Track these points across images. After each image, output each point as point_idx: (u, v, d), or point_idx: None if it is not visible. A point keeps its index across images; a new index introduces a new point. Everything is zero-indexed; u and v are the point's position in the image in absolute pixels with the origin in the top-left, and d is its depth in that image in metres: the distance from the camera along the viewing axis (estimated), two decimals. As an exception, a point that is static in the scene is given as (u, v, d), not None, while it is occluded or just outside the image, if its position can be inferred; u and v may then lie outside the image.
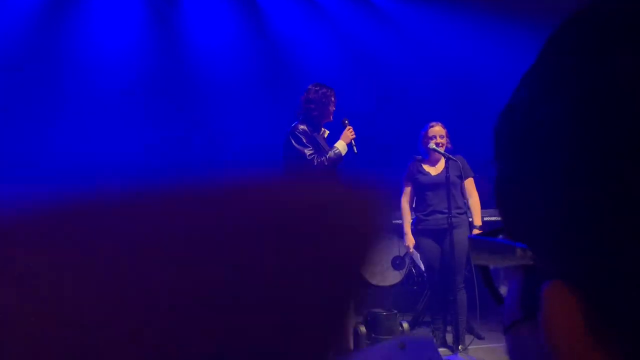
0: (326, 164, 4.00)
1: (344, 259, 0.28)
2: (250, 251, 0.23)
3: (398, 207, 5.44)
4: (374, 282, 6.22)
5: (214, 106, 7.59)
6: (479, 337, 4.57)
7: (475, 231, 4.15)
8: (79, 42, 7.07)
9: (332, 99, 4.21)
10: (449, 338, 4.31)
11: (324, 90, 4.20)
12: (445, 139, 4.34)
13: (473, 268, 4.15)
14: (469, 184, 4.27)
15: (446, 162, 4.18)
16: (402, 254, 6.18)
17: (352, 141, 4.10)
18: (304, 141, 3.99)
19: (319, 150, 4.06)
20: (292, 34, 7.79)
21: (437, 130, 4.34)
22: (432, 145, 4.28)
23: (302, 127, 4.05)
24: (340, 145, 4.09)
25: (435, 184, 4.20)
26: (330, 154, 4.03)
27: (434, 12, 7.60)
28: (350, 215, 0.29)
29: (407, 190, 4.39)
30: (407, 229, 4.28)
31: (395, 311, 3.54)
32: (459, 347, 4.17)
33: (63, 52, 7.04)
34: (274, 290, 0.24)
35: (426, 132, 4.38)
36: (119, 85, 7.11)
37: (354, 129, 4.19)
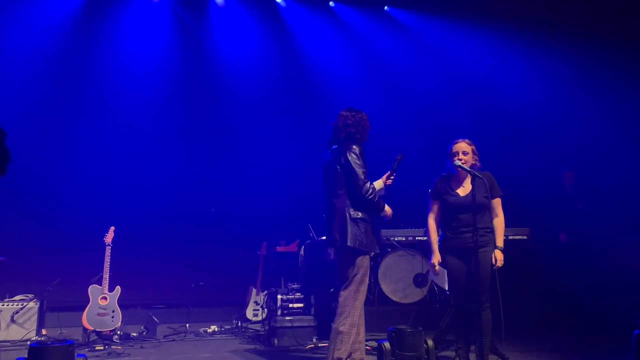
0: (374, 201, 4.11)
1: None
2: None
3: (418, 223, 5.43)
4: (396, 299, 6.20)
5: (241, 119, 7.68)
6: (503, 358, 4.51)
7: (497, 252, 4.09)
8: (107, 55, 7.24)
9: (367, 122, 4.35)
10: (472, 358, 4.25)
11: (361, 114, 4.34)
12: (469, 155, 4.27)
13: (498, 288, 4.10)
14: (496, 204, 4.22)
15: (472, 180, 4.14)
16: (424, 272, 6.15)
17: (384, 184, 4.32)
18: (361, 162, 4.16)
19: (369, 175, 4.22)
20: (316, 49, 7.87)
21: (461, 146, 4.29)
22: (456, 162, 4.26)
23: (358, 147, 4.23)
24: (378, 185, 4.27)
25: (464, 206, 4.15)
26: (381, 202, 4.17)
27: (458, 28, 7.60)
28: None
29: (435, 208, 4.35)
30: (435, 246, 4.24)
31: (420, 328, 3.50)
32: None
33: (92, 66, 7.21)
34: None
35: (451, 148, 4.35)
36: (146, 101, 7.26)
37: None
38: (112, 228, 5.65)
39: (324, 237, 5.86)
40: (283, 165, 7.59)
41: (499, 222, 4.18)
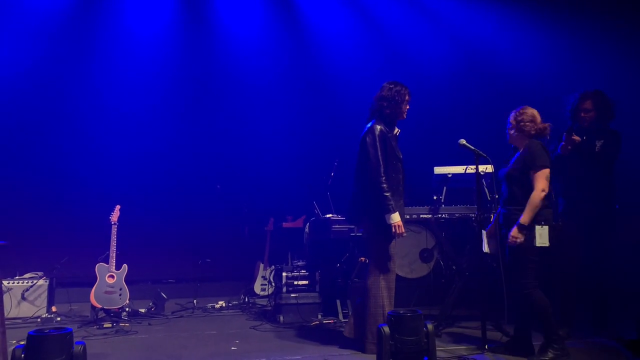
0: (384, 195, 4.05)
1: None
2: None
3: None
4: (402, 274, 6.20)
5: (248, 97, 7.60)
6: (508, 335, 4.51)
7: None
8: (111, 35, 7.17)
9: (407, 97, 4.24)
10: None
11: (398, 87, 4.22)
12: (511, 124, 4.10)
13: (502, 269, 4.07)
14: (531, 176, 4.03)
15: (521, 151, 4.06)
16: (430, 247, 6.13)
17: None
18: (380, 147, 4.10)
19: (393, 155, 4.15)
20: (324, 27, 7.70)
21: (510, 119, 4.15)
22: (460, 141, 4.20)
23: (379, 127, 4.15)
24: (395, 217, 4.05)
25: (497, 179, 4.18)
26: (391, 203, 4.04)
27: (477, 10, 7.37)
28: None
29: None
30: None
31: (420, 312, 3.49)
32: (485, 346, 4.12)
33: (96, 45, 7.15)
34: None
35: None
36: (151, 85, 7.22)
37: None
38: (118, 207, 5.68)
39: (329, 215, 5.87)
40: (289, 142, 7.54)
41: (530, 196, 3.89)
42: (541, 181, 3.87)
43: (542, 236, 3.84)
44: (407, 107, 4.31)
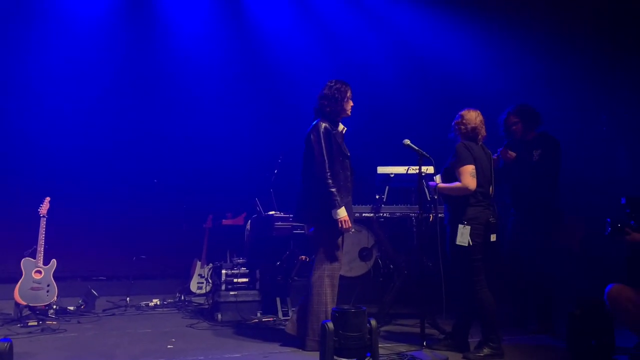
0: (330, 191, 4.07)
1: None
2: None
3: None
4: (342, 272, 6.21)
5: (188, 88, 7.41)
6: (444, 332, 4.62)
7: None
8: (48, 16, 6.80)
9: (348, 94, 4.26)
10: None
11: (338, 85, 4.25)
12: (456, 123, 4.26)
13: (441, 263, 4.16)
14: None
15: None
16: (369, 246, 6.20)
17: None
18: (325, 145, 4.12)
19: (339, 152, 4.16)
20: (270, 22, 7.62)
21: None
22: (405, 141, 4.27)
23: (323, 124, 4.17)
24: (341, 213, 4.08)
25: None
26: (336, 199, 4.06)
27: (423, 14, 7.52)
28: None
29: None
30: None
31: (364, 308, 3.51)
32: (424, 343, 4.20)
33: (29, 27, 6.75)
34: None
35: None
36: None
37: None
38: (48, 199, 5.38)
39: (271, 212, 5.81)
40: (231, 137, 7.40)
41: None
42: (464, 177, 4.01)
43: (462, 235, 3.96)
44: (351, 103, 4.34)
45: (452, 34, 7.31)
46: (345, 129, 4.40)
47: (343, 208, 4.07)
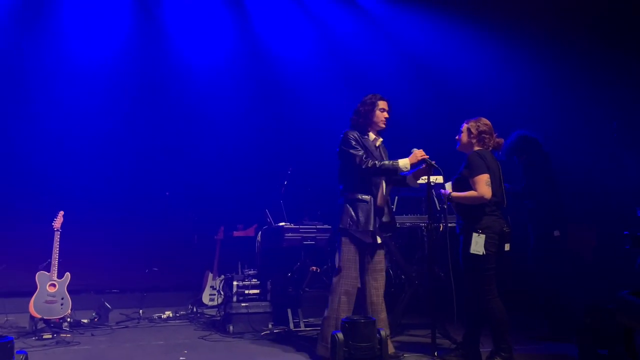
0: (377, 166, 4.06)
1: None
2: None
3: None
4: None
5: (198, 103, 7.50)
6: (455, 342, 4.60)
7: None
8: (52, 35, 6.91)
9: (377, 105, 4.25)
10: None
11: (367, 98, 4.31)
12: (463, 134, 4.21)
13: (451, 272, 4.15)
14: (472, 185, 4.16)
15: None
16: (380, 256, 6.19)
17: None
18: (353, 144, 4.15)
19: (368, 154, 4.16)
20: (278, 36, 7.69)
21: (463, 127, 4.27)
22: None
23: (352, 133, 4.24)
24: (403, 162, 4.09)
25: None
26: (387, 163, 4.08)
27: (423, 19, 7.55)
28: None
29: None
30: None
31: (374, 318, 3.53)
32: (435, 353, 4.18)
33: (37, 49, 6.87)
34: None
35: None
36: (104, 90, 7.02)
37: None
38: (61, 213, 5.46)
39: (282, 223, 5.84)
40: (241, 150, 7.47)
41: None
42: (480, 186, 3.99)
43: (477, 244, 3.93)
44: (383, 115, 4.30)
45: (459, 42, 7.31)
46: (380, 140, 4.37)
47: (399, 160, 4.06)
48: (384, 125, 4.33)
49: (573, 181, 6.17)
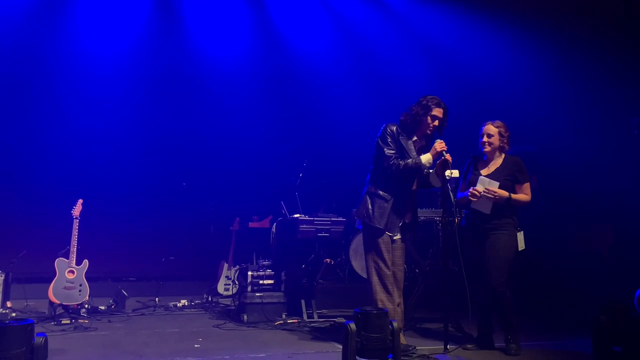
0: (401, 168, 4.06)
1: None
2: None
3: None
4: (365, 275, 6.25)
5: (215, 95, 7.55)
6: (466, 335, 4.61)
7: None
8: (73, 30, 7.01)
9: (431, 112, 4.12)
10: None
11: (424, 100, 4.18)
12: (495, 137, 4.21)
13: (463, 268, 4.15)
14: (522, 189, 4.19)
15: (502, 162, 4.24)
16: (394, 250, 6.20)
17: (444, 153, 4.03)
18: (388, 140, 4.13)
19: (402, 152, 4.12)
20: (296, 31, 7.71)
21: (487, 129, 4.25)
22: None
23: (391, 127, 4.19)
24: (424, 157, 4.09)
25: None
26: (410, 161, 4.06)
27: (443, 14, 7.49)
28: None
29: (463, 187, 4.35)
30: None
31: (386, 310, 3.54)
32: (447, 347, 4.19)
33: (58, 40, 6.96)
34: None
35: (481, 131, 4.31)
36: (118, 86, 7.09)
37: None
38: (80, 201, 5.55)
39: (296, 215, 5.88)
40: (257, 142, 7.53)
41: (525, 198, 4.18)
42: (529, 189, 4.22)
43: (521, 241, 4.16)
44: (434, 122, 4.15)
45: (478, 35, 7.26)
46: (423, 143, 4.27)
47: (422, 157, 4.06)
48: (429, 132, 4.21)
49: (590, 179, 6.11)
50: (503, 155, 4.29)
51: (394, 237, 4.23)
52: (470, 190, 4.15)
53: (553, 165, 6.53)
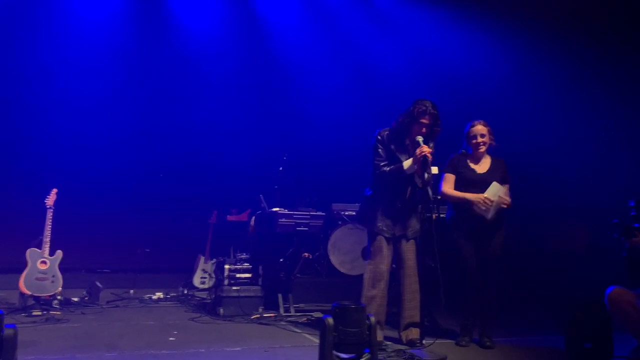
0: (386, 174, 4.22)
1: None
2: None
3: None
4: (344, 270, 6.26)
5: (193, 84, 7.46)
6: (445, 332, 4.64)
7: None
8: (50, 12, 6.84)
9: (424, 116, 4.12)
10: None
11: (417, 105, 4.17)
12: (487, 137, 4.31)
13: (438, 264, 4.15)
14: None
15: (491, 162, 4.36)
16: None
17: (426, 158, 4.02)
18: (378, 148, 4.29)
19: (392, 158, 4.23)
20: (279, 22, 7.64)
21: (479, 129, 4.31)
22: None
23: (382, 133, 4.32)
24: (406, 163, 4.17)
25: (480, 182, 4.23)
26: (394, 167, 4.21)
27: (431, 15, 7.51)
28: None
29: (451, 179, 4.36)
30: (470, 196, 4.22)
31: (364, 304, 3.54)
32: (422, 342, 4.21)
33: (33, 22, 6.80)
34: None
35: (468, 131, 4.36)
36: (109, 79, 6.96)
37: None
38: (55, 190, 5.43)
39: (275, 209, 5.84)
40: (236, 134, 7.46)
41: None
42: None
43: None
44: (421, 129, 4.15)
45: (466, 37, 7.30)
46: (421, 138, 4.20)
47: (404, 163, 4.16)
48: (421, 136, 4.18)
49: (567, 178, 6.19)
50: (487, 154, 4.39)
51: (399, 237, 4.32)
52: (483, 199, 4.16)
53: (529, 163, 6.60)
